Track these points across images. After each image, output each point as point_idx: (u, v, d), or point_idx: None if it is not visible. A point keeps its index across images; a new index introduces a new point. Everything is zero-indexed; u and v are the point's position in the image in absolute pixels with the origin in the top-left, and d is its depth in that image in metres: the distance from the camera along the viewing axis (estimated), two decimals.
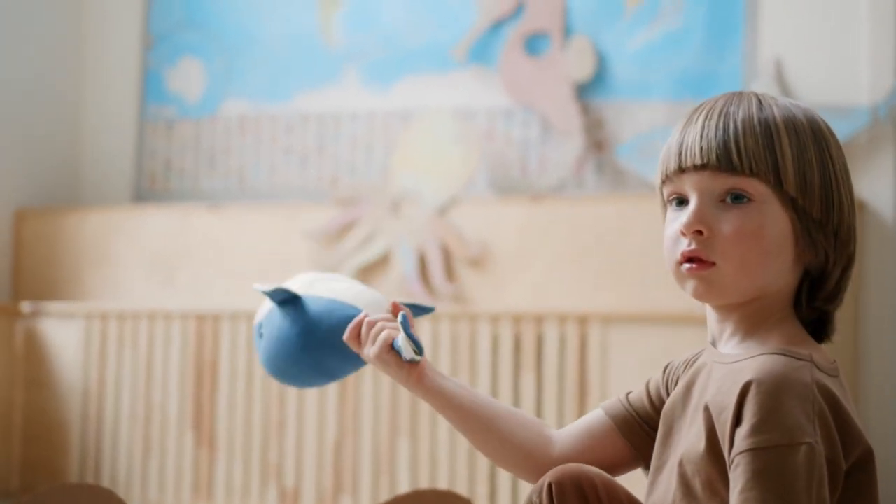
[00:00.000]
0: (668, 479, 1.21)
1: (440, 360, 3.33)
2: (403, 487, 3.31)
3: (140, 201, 4.12)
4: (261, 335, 1.57)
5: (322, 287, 1.55)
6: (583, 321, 3.21)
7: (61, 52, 4.17)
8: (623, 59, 3.66)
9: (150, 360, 3.64)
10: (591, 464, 1.27)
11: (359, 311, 1.47)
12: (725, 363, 1.19)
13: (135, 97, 4.19)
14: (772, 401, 1.08)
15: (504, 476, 3.25)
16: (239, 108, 4.05)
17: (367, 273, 3.61)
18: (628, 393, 1.37)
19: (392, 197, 3.65)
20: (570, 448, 1.35)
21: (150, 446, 3.62)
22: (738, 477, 1.08)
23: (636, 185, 3.56)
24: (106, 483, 3.61)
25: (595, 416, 1.37)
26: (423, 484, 3.29)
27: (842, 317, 1.26)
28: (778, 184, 1.18)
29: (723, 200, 1.20)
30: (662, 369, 1.36)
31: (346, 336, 1.41)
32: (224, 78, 4.07)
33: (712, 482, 1.15)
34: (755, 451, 1.07)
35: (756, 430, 1.08)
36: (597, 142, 3.67)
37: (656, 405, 1.32)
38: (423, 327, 3.37)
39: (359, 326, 1.40)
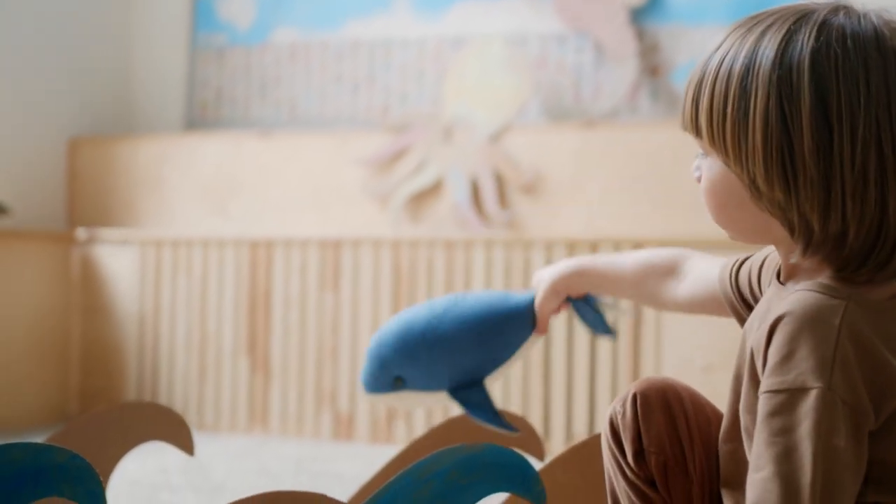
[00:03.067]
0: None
1: (494, 288, 3.33)
2: (458, 412, 3.32)
3: (191, 129, 4.13)
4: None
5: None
6: (637, 247, 3.20)
7: None
8: None
9: (205, 287, 3.67)
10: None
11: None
12: (778, 298, 1.14)
13: (186, 25, 4.18)
14: (791, 342, 1.05)
15: (558, 400, 3.27)
16: (289, 35, 4.04)
17: (420, 200, 3.61)
18: (741, 264, 1.33)
19: (444, 124, 3.64)
20: (687, 304, 1.43)
21: (206, 372, 3.66)
22: (757, 417, 1.07)
23: None
24: None
25: (710, 285, 1.38)
26: None
27: None
28: (704, 138, 1.13)
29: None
30: (739, 263, 1.33)
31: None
32: (274, 5, 4.06)
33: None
34: (769, 394, 1.05)
35: (773, 371, 1.05)
36: (652, 67, 3.63)
37: (745, 295, 1.30)
38: (476, 254, 3.37)
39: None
